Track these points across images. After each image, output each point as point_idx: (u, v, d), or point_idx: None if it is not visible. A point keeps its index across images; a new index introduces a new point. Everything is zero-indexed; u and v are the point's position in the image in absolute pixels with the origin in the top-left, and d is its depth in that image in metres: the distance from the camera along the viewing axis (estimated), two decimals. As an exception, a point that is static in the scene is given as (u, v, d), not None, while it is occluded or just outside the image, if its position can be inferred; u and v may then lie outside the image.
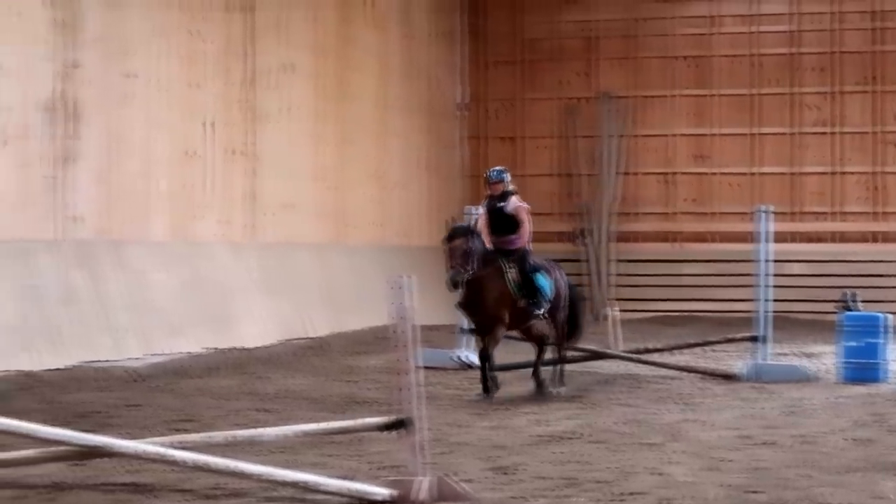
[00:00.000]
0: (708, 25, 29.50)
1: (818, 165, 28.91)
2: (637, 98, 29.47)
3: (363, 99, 26.65)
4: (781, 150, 29.12)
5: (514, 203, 15.31)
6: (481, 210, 15.95)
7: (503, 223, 15.45)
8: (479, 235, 15.34)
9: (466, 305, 15.32)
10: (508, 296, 14.73)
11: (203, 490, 9.45)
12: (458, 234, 14.89)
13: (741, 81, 29.09)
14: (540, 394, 15.22)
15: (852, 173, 28.53)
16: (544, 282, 15.33)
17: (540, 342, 15.96)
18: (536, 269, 15.04)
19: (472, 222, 16.20)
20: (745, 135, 29.06)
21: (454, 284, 14.42)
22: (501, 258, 15.26)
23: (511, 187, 15.67)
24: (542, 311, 15.04)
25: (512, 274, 14.98)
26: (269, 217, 23.43)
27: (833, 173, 28.63)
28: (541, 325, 15.75)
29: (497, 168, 16.03)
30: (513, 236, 15.57)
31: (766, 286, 18.66)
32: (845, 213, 28.81)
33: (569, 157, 30.07)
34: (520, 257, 15.29)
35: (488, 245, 15.30)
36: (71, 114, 18.51)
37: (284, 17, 23.80)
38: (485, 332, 15.09)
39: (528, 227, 15.32)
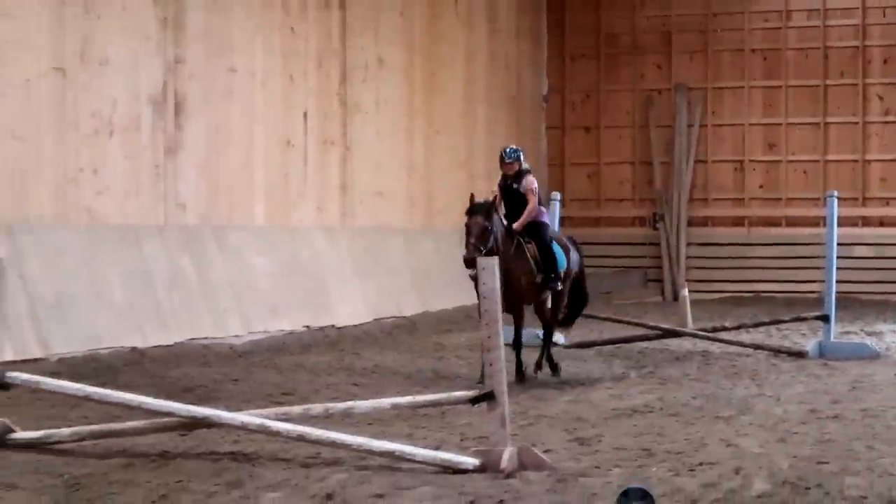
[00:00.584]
0: (778, 20, 28.96)
1: (884, 153, 28.37)
2: (711, 89, 29.11)
3: (451, 92, 26.44)
4: (848, 138, 28.60)
5: (526, 182, 14.46)
6: (495, 189, 14.99)
7: (517, 202, 14.67)
8: (498, 213, 14.46)
9: None
10: (530, 273, 14.14)
11: (301, 459, 9.46)
12: (477, 210, 14.00)
13: (810, 73, 28.59)
14: (555, 374, 14.61)
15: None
16: (561, 256, 14.72)
17: (548, 320, 15.38)
18: (553, 242, 14.44)
19: (491, 199, 14.80)
20: (813, 124, 28.58)
21: (469, 262, 13.21)
22: (520, 235, 14.51)
23: (526, 166, 14.79)
24: (558, 285, 14.47)
25: (531, 249, 14.35)
26: (361, 204, 23.36)
27: (899, 160, 28.55)
28: (550, 302, 15.35)
29: (511, 147, 15.02)
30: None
31: (834, 268, 18.33)
32: (910, 199, 28.43)
33: (645, 146, 29.74)
34: (537, 231, 14.57)
35: None
36: (176, 107, 18.53)
37: (376, 15, 23.60)
38: (508, 309, 13.41)
39: (533, 205, 14.40)
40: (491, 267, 9.92)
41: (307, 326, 20.03)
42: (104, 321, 15.76)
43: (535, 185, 14.51)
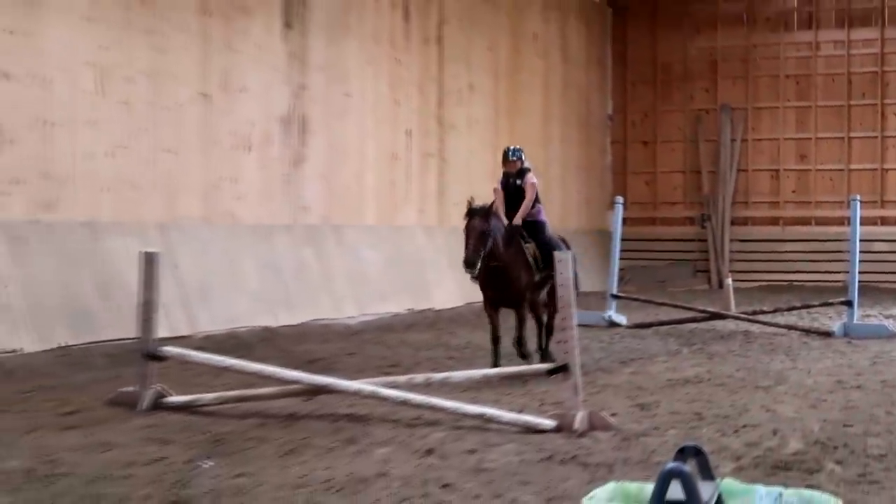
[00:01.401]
0: (808, 50, 28.90)
1: None
2: (751, 109, 29.22)
3: (530, 114, 26.71)
4: (869, 150, 28.64)
5: (527, 178, 12.81)
6: (497, 187, 13.29)
7: (519, 198, 13.10)
8: (497, 216, 12.74)
9: (490, 283, 12.49)
10: (529, 270, 12.67)
11: (406, 420, 9.72)
12: (475, 214, 12.33)
13: (837, 95, 28.63)
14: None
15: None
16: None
17: (541, 314, 13.72)
18: (551, 241, 12.66)
19: (491, 202, 13.08)
20: (839, 138, 28.65)
21: (469, 265, 11.88)
22: (520, 234, 13.04)
23: (527, 164, 13.16)
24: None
25: (531, 248, 12.86)
26: (455, 207, 22.98)
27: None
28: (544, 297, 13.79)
29: (515, 147, 13.40)
30: (531, 211, 13.28)
31: (857, 260, 18.45)
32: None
33: (694, 158, 29.84)
34: (536, 230, 13.07)
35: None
36: (301, 126, 19.04)
37: (467, 49, 24.04)
38: (503, 305, 12.60)
39: (531, 197, 12.71)
40: (566, 260, 9.92)
41: (410, 309, 20.36)
42: (241, 305, 16.08)
43: (535, 180, 12.94)
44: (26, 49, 14.25)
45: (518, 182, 12.51)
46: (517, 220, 12.67)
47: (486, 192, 24.82)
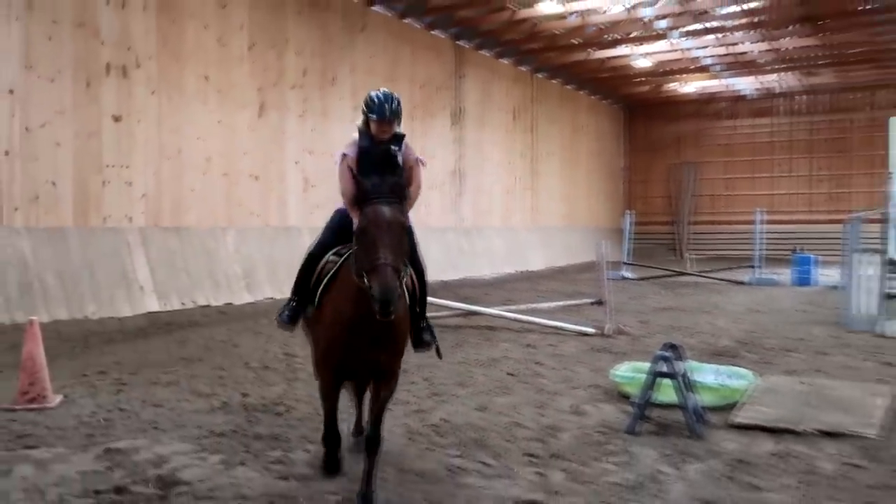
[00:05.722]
0: (732, 129, 29.14)
1: (790, 189, 28.03)
2: (700, 163, 29.48)
3: (580, 167, 26.87)
4: (766, 183, 28.27)
5: (410, 152, 4.42)
6: (348, 156, 4.20)
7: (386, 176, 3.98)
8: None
9: (362, 339, 3.83)
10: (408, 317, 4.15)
11: (516, 329, 9.88)
12: (380, 192, 3.64)
13: (748, 153, 28.78)
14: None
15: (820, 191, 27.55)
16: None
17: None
18: (420, 265, 4.37)
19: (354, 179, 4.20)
20: (749, 177, 28.72)
21: (387, 306, 3.40)
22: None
23: (402, 130, 4.43)
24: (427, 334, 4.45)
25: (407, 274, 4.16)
26: (542, 215, 24.24)
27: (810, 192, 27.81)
28: None
29: (394, 95, 4.32)
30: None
31: (757, 242, 18.81)
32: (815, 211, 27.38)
33: (670, 189, 29.96)
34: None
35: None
36: (460, 175, 19.71)
37: (548, 132, 24.38)
38: (364, 379, 4.45)
39: (417, 190, 4.35)
40: (603, 244, 9.87)
41: (518, 271, 20.68)
42: (431, 267, 16.09)
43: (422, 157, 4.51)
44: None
45: (395, 149, 4.35)
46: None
47: (556, 207, 24.01)
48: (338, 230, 4.17)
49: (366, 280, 3.39)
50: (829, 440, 4.93)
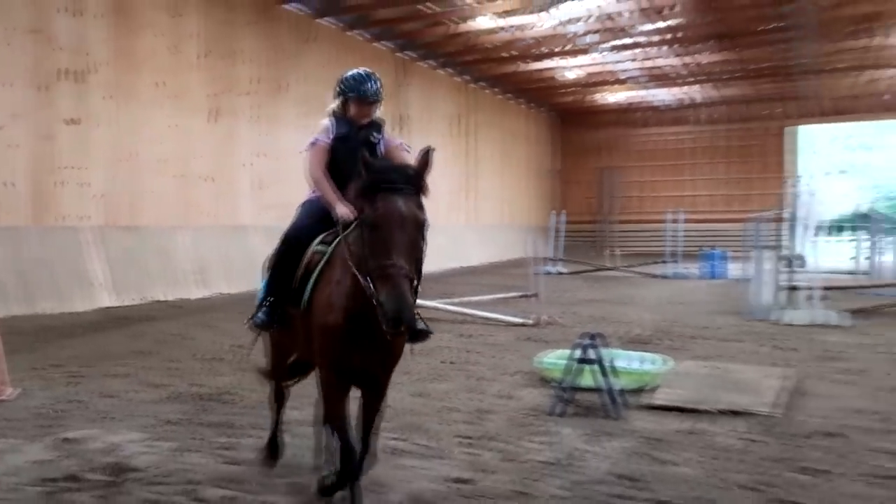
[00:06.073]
0: (647, 137, 29.85)
1: (694, 191, 29.00)
2: (622, 167, 30.05)
3: (516, 167, 27.19)
4: (675, 185, 29.14)
5: (391, 138, 3.61)
6: (319, 142, 3.50)
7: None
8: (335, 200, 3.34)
9: (361, 341, 3.05)
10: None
11: (458, 321, 9.80)
12: (396, 180, 2.84)
13: (661, 158, 29.61)
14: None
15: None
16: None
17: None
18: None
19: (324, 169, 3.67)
20: (664, 181, 29.40)
21: (410, 320, 2.65)
22: None
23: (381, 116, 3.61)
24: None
25: None
26: (479, 213, 24.54)
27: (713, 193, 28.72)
28: None
29: (376, 76, 3.67)
30: None
31: (677, 238, 19.56)
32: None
33: (596, 192, 30.34)
34: None
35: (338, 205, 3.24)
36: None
37: (485, 136, 24.53)
38: (367, 384, 3.36)
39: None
40: (531, 241, 10.40)
41: (458, 266, 20.46)
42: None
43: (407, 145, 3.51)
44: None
45: (376, 137, 3.61)
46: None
47: (492, 205, 24.84)
48: (317, 214, 3.36)
49: (371, 284, 2.63)
50: (731, 418, 5.08)
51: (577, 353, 5.18)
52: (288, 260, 3.28)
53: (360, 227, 2.75)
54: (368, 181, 2.75)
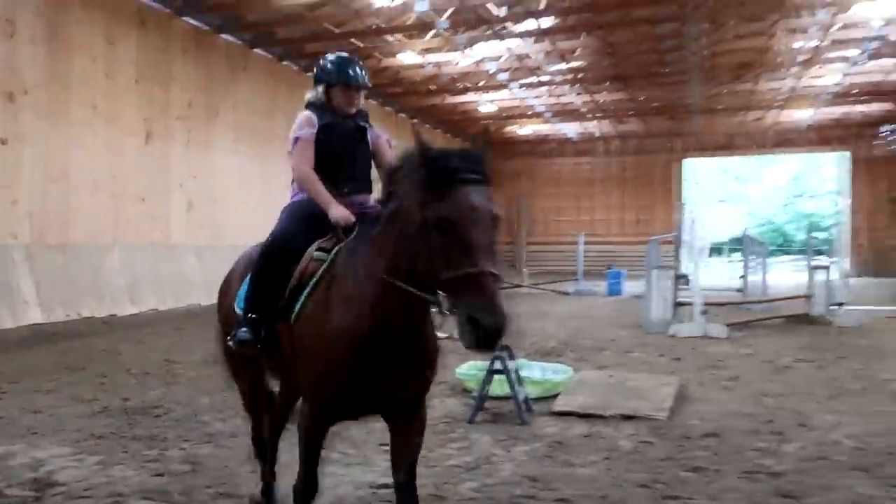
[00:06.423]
0: (561, 166, 30.31)
1: (599, 215, 29.22)
2: (534, 194, 30.21)
3: None
4: (587, 209, 29.36)
5: (379, 130, 3.01)
6: (303, 138, 2.82)
7: (358, 166, 2.93)
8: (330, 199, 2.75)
9: (382, 367, 2.43)
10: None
11: None
12: (464, 169, 2.23)
13: (571, 185, 29.72)
14: None
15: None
16: None
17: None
18: None
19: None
20: (575, 207, 29.73)
21: (499, 335, 2.08)
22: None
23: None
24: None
25: None
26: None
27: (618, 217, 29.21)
28: None
29: (361, 63, 2.86)
30: (366, 193, 2.88)
31: (580, 259, 19.74)
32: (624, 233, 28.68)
33: (513, 216, 29.35)
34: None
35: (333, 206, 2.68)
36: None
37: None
38: (389, 411, 2.67)
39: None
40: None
41: None
42: None
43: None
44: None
45: (361, 135, 2.95)
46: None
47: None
48: (305, 218, 2.73)
49: (442, 295, 2.12)
50: (628, 422, 5.15)
51: (492, 365, 5.23)
52: (274, 270, 2.62)
53: (423, 229, 2.12)
54: (437, 171, 2.14)
